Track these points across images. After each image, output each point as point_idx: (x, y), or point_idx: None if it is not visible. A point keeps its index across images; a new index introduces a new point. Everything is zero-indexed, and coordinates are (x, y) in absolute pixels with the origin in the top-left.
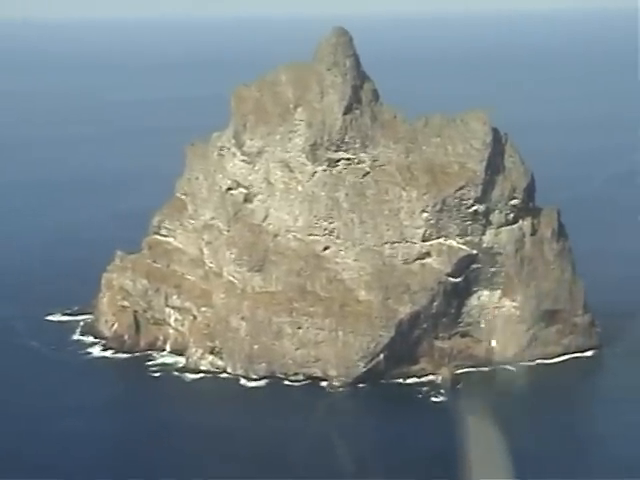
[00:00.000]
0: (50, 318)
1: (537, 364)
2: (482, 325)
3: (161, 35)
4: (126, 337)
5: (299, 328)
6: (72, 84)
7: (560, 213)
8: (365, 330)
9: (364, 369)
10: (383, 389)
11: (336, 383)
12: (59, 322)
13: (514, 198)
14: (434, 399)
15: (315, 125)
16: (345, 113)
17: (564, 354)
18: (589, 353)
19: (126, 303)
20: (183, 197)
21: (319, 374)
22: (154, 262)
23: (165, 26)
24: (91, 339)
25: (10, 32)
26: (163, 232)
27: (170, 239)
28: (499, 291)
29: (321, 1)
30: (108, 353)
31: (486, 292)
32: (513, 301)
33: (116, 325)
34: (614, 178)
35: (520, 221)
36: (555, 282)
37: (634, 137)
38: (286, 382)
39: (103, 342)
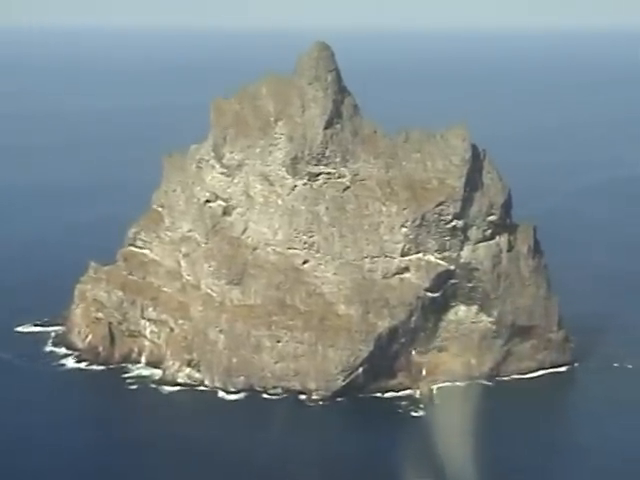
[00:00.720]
0: (20, 329)
1: (512, 379)
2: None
3: (153, 44)
4: (100, 349)
5: (278, 342)
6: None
7: (536, 230)
8: (345, 344)
9: (343, 383)
10: (362, 403)
11: (315, 397)
12: (29, 333)
13: (492, 214)
14: (413, 414)
15: (296, 139)
16: (326, 127)
17: (539, 369)
18: (563, 369)
19: (100, 315)
20: (160, 209)
21: (298, 387)
22: (130, 274)
23: (158, 36)
24: (64, 350)
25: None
26: (139, 244)
27: (146, 251)
28: (476, 306)
29: (303, 14)
30: (82, 365)
31: (463, 307)
32: (489, 316)
33: (90, 337)
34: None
35: (497, 237)
36: (530, 298)
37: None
38: (264, 395)
39: (76, 354)
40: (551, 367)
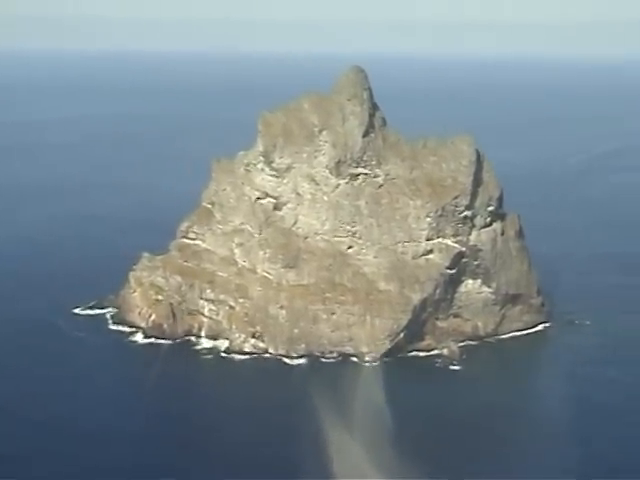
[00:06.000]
0: (77, 311)
1: (507, 337)
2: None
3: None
4: (165, 326)
5: (333, 314)
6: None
7: (520, 218)
8: (388, 314)
9: (389, 346)
10: (406, 361)
11: (367, 358)
12: (87, 315)
13: (490, 205)
14: (452, 367)
15: (339, 146)
16: (363, 136)
17: (525, 329)
18: (540, 327)
19: (160, 297)
20: (209, 206)
21: (351, 351)
22: (185, 262)
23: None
24: (127, 329)
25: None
26: (191, 236)
27: (198, 242)
28: (479, 280)
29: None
30: (151, 340)
31: (471, 281)
32: (489, 287)
33: (154, 316)
34: None
35: (494, 224)
36: (517, 272)
37: None
38: (323, 359)
39: (141, 331)
40: (532, 326)
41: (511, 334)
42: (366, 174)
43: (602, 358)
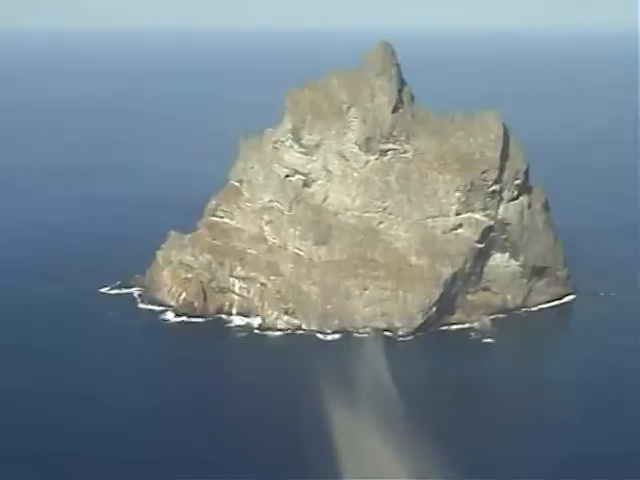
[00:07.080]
0: (103, 291)
1: (535, 309)
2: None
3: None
4: (196, 304)
5: (365, 289)
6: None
7: (545, 190)
8: (420, 289)
9: (422, 320)
10: (439, 335)
11: (400, 332)
12: (114, 294)
13: (517, 179)
14: (485, 340)
15: (369, 122)
16: (393, 112)
17: (551, 300)
18: (566, 299)
19: (190, 275)
20: (237, 184)
21: (384, 326)
22: (214, 240)
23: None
24: (156, 307)
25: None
26: (220, 214)
27: (227, 220)
28: (507, 253)
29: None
30: (183, 318)
31: (499, 254)
32: (517, 261)
33: (184, 294)
34: None
35: (521, 197)
36: (543, 245)
37: None
38: (356, 335)
39: (171, 309)
40: (559, 298)
41: (538, 306)
42: (395, 149)
43: (631, 328)
